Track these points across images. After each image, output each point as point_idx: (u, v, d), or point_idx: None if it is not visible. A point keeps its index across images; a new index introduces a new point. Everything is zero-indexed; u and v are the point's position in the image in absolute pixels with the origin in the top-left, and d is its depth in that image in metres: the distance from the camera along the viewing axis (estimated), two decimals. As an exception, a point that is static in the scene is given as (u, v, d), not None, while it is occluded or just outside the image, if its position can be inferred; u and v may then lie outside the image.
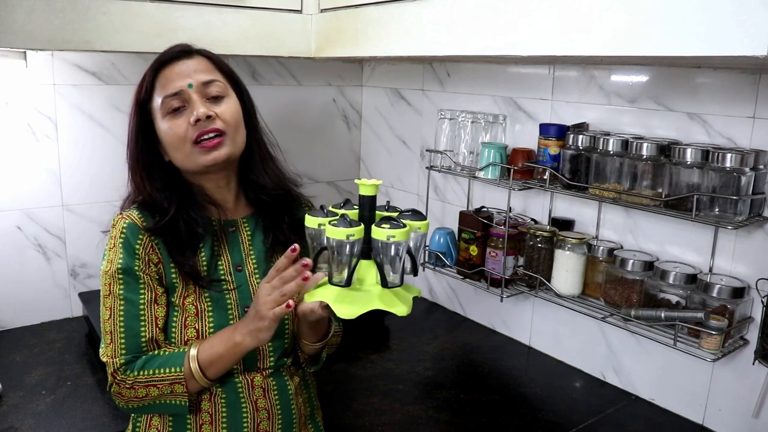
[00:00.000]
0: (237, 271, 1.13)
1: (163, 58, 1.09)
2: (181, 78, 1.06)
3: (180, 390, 1.03)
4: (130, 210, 1.09)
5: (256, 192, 1.17)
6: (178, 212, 1.08)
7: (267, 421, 1.11)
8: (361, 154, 2.39)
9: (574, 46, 1.05)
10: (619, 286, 1.46)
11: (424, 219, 1.02)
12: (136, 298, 1.05)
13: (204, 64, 1.10)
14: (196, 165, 1.07)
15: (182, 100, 1.06)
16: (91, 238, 1.86)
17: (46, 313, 1.85)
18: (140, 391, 1.04)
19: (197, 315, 1.08)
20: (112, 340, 1.05)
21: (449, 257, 1.84)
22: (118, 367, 1.04)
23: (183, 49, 1.10)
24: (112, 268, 1.05)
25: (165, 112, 1.06)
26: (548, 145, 1.58)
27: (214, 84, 1.08)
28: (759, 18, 0.81)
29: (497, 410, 1.48)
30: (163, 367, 1.03)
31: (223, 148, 1.07)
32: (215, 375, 1.05)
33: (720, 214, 1.26)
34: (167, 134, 1.07)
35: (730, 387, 1.38)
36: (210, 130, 1.05)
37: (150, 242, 1.06)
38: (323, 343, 1.16)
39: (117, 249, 1.06)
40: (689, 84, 1.38)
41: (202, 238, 1.10)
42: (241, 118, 1.11)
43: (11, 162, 1.72)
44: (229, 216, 1.15)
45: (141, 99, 1.09)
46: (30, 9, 1.27)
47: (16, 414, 1.36)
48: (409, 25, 1.38)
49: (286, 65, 2.13)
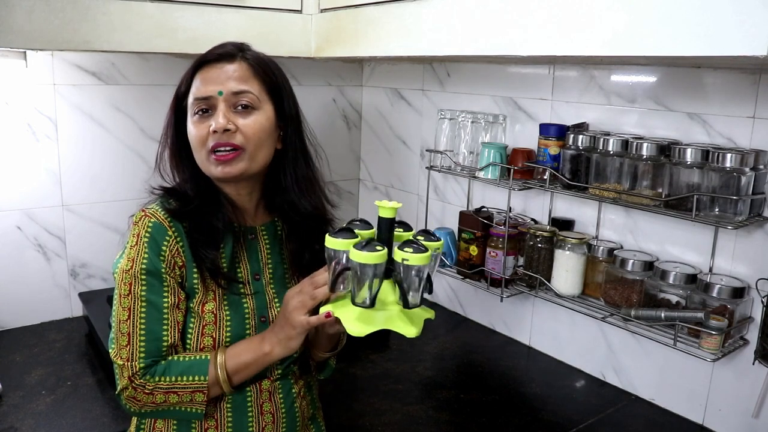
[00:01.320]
0: (255, 280, 1.12)
1: (206, 58, 1.07)
2: (214, 83, 1.04)
3: (200, 399, 1.03)
4: (154, 206, 1.06)
5: (288, 210, 1.14)
6: (202, 205, 1.07)
7: (272, 425, 1.11)
8: (361, 154, 2.39)
9: (574, 46, 1.05)
10: (619, 286, 1.46)
11: (439, 239, 1.03)
12: (160, 301, 1.03)
13: (243, 71, 1.06)
14: (209, 173, 1.06)
15: (210, 105, 1.04)
16: (91, 238, 1.86)
17: (46, 313, 1.85)
18: (159, 397, 1.02)
19: (215, 323, 1.06)
20: (130, 342, 1.02)
21: (449, 257, 1.84)
22: (136, 371, 1.01)
23: (226, 52, 1.07)
24: (135, 267, 1.02)
25: (193, 113, 1.05)
26: (548, 145, 1.58)
27: (246, 95, 1.05)
28: (759, 18, 0.81)
29: (497, 410, 1.48)
30: (187, 375, 1.02)
31: (237, 164, 1.04)
32: (239, 383, 1.05)
33: (720, 214, 1.26)
34: (191, 135, 1.06)
35: (730, 387, 1.38)
36: (227, 144, 1.03)
37: (176, 245, 1.04)
38: (335, 352, 1.17)
39: (141, 248, 1.03)
40: (689, 84, 1.38)
41: (223, 237, 1.08)
42: (266, 133, 1.07)
43: (11, 162, 1.72)
44: (248, 222, 1.14)
45: (179, 93, 1.09)
46: (30, 9, 1.27)
47: (16, 414, 1.36)
48: (409, 25, 1.38)
49: (286, 65, 2.10)
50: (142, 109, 1.88)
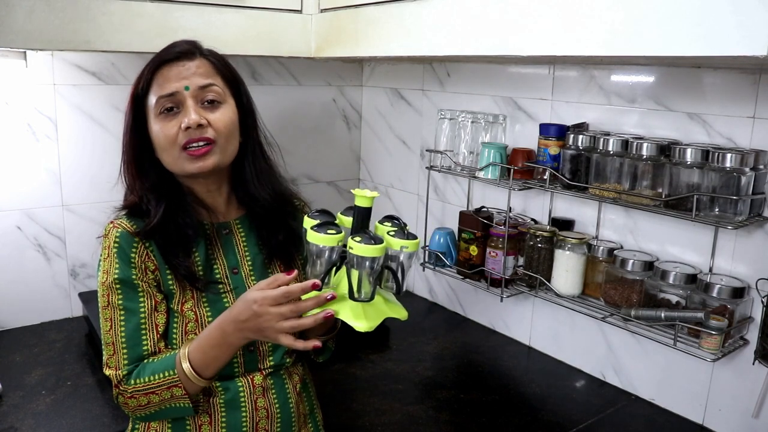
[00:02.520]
0: (233, 274, 1.13)
1: (165, 57, 1.07)
2: (178, 79, 1.05)
3: (179, 393, 1.02)
4: (120, 218, 1.08)
5: (250, 202, 1.16)
6: (168, 214, 1.07)
7: (266, 420, 1.11)
8: (361, 154, 2.39)
9: (573, 46, 1.05)
10: (619, 286, 1.46)
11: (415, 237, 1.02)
12: (136, 307, 1.05)
13: (205, 67, 1.08)
14: (182, 170, 1.07)
15: (176, 102, 1.05)
16: (91, 238, 1.85)
17: (46, 313, 1.85)
18: (142, 400, 1.03)
19: (197, 321, 1.07)
20: (115, 351, 1.04)
21: (449, 257, 1.85)
22: (121, 378, 1.03)
23: (185, 50, 1.08)
24: (108, 279, 1.04)
25: (158, 112, 1.05)
26: (548, 145, 1.58)
27: (212, 89, 1.06)
28: (759, 18, 0.81)
29: (497, 410, 1.48)
30: (157, 373, 1.02)
31: (210, 158, 1.05)
32: (212, 374, 1.04)
33: (720, 214, 1.26)
34: (157, 135, 1.06)
35: (730, 387, 1.38)
36: (199, 139, 1.04)
37: (145, 249, 1.05)
38: (332, 335, 1.15)
39: (112, 259, 1.05)
40: (689, 84, 1.38)
41: (194, 241, 1.09)
42: (234, 126, 1.09)
43: (11, 162, 1.72)
44: (221, 218, 1.15)
45: (137, 94, 1.08)
46: (30, 9, 1.27)
47: (16, 414, 1.36)
48: (409, 25, 1.38)
49: (286, 65, 2.13)
50: (142, 109, 1.88)
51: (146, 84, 1.07)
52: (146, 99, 1.07)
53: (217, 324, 1.02)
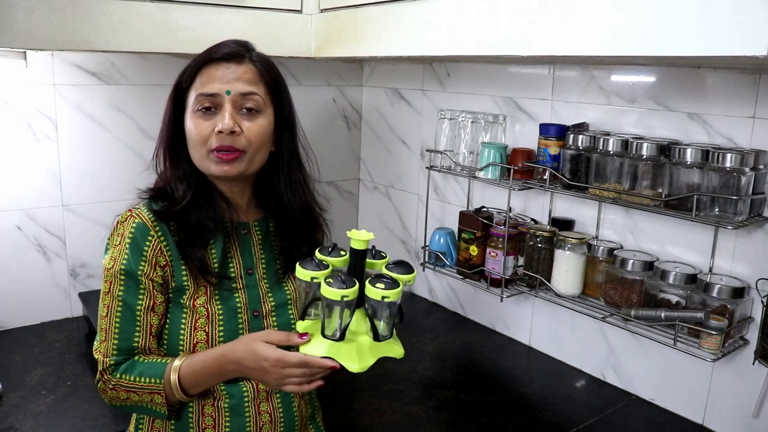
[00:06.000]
0: (248, 274, 1.13)
1: (213, 55, 1.06)
2: (222, 81, 1.04)
3: (159, 400, 1.03)
4: (141, 207, 1.08)
5: (279, 211, 1.16)
6: (193, 203, 1.07)
7: (269, 425, 1.11)
8: (361, 154, 2.39)
9: (573, 46, 1.05)
10: (619, 286, 1.46)
11: (412, 270, 1.03)
12: (135, 303, 1.05)
13: (251, 73, 1.07)
14: (207, 170, 1.07)
15: (215, 103, 1.04)
16: (91, 238, 1.86)
17: (46, 313, 1.85)
18: (122, 394, 1.05)
19: (208, 317, 1.07)
20: (106, 338, 1.06)
21: (449, 257, 1.85)
22: (107, 366, 1.05)
23: (235, 51, 1.07)
24: (115, 266, 1.05)
25: (195, 109, 1.05)
26: (548, 145, 1.58)
27: (252, 97, 1.06)
28: (759, 18, 0.81)
29: (497, 410, 1.48)
30: (144, 376, 1.03)
31: (236, 165, 1.05)
32: (197, 394, 1.06)
33: (720, 214, 1.26)
34: (190, 131, 1.06)
35: (730, 387, 1.38)
36: (230, 147, 1.04)
37: (159, 244, 1.05)
38: None
39: (123, 248, 1.05)
40: (689, 84, 1.38)
41: (213, 234, 1.09)
42: (267, 137, 1.09)
43: (11, 162, 1.72)
44: (241, 218, 1.15)
45: (179, 86, 1.08)
46: (30, 9, 1.27)
47: (16, 414, 1.36)
48: (409, 25, 1.38)
49: (286, 65, 2.13)
50: (142, 109, 1.88)
51: (190, 78, 1.07)
52: (187, 93, 1.07)
53: (216, 356, 1.04)
